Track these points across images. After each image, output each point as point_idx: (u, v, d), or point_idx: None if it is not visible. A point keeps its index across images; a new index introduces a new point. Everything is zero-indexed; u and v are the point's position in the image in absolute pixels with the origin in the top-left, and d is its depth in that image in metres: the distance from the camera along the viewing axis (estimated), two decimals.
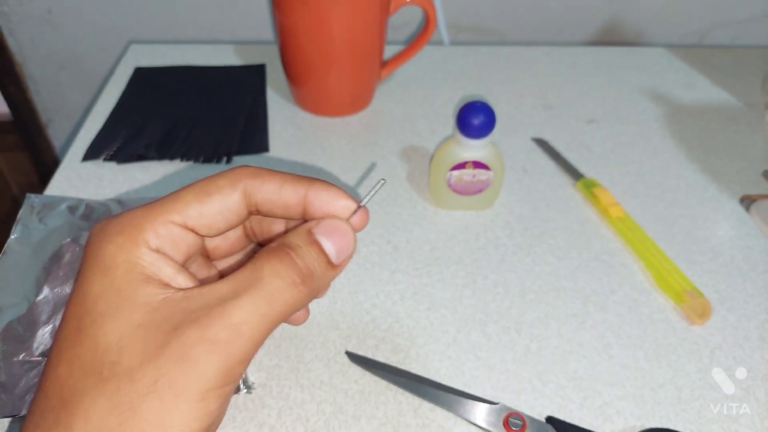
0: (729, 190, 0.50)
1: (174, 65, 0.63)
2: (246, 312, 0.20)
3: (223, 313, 0.20)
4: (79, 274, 0.22)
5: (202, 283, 0.22)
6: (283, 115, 0.57)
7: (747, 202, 0.48)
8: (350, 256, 0.24)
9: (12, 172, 0.88)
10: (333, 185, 0.24)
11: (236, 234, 0.26)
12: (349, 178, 0.50)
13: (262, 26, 0.73)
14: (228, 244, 0.26)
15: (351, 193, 0.49)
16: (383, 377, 0.34)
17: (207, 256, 0.26)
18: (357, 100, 0.58)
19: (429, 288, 0.41)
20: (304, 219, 0.24)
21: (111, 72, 0.64)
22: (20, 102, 0.78)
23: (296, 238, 0.22)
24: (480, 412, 0.33)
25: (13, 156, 0.85)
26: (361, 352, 0.36)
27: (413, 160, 0.52)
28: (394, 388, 0.35)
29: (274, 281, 0.21)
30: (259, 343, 0.20)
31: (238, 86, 0.60)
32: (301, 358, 0.36)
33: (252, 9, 0.71)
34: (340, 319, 0.38)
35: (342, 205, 0.23)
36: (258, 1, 0.70)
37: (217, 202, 0.22)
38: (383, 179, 0.25)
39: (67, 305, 0.21)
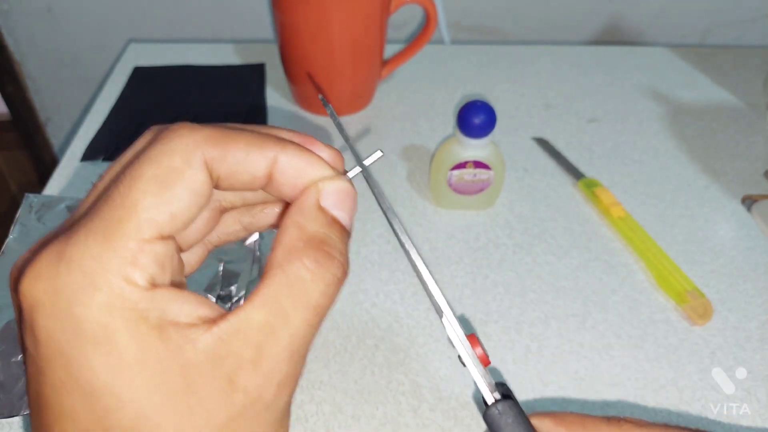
0: (730, 190, 0.50)
1: (173, 64, 0.63)
2: (302, 337, 0.17)
3: (280, 346, 0.17)
4: (50, 372, 0.16)
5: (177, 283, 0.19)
6: (282, 115, 0.57)
7: (748, 202, 0.48)
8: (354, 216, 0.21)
9: (10, 170, 0.88)
10: (305, 148, 0.20)
11: (203, 217, 0.21)
12: None
13: (262, 25, 0.72)
14: (196, 231, 0.21)
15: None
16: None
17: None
18: (357, 99, 0.58)
19: None
20: (263, 189, 0.20)
21: (110, 71, 0.63)
22: (19, 101, 0.78)
23: (315, 223, 0.19)
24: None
25: (12, 154, 0.85)
26: (360, 353, 0.36)
27: (413, 159, 0.52)
28: (393, 388, 0.34)
29: (320, 288, 0.18)
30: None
31: (238, 85, 0.60)
32: None
33: (251, 8, 0.71)
34: (340, 318, 0.38)
35: (319, 175, 0.19)
36: (257, 0, 0.70)
37: (183, 194, 0.17)
38: (381, 150, 0.22)
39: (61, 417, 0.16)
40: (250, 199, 0.22)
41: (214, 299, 0.37)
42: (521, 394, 0.34)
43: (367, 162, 0.21)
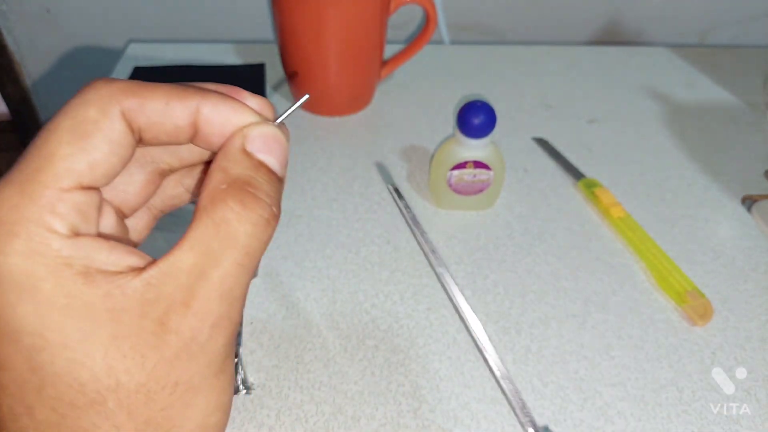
0: (730, 190, 0.50)
1: (173, 64, 0.63)
2: (233, 277, 0.17)
3: (210, 287, 0.17)
4: None
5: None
6: None
7: (748, 202, 0.48)
8: (287, 163, 0.21)
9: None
10: (229, 96, 0.20)
11: (140, 179, 0.21)
12: (348, 178, 0.49)
13: (262, 25, 0.72)
14: (135, 195, 0.21)
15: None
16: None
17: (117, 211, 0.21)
18: (357, 100, 0.58)
19: (429, 288, 0.40)
20: (192, 142, 0.20)
21: (110, 71, 0.63)
22: (19, 101, 0.78)
23: (239, 166, 0.19)
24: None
25: (12, 155, 0.85)
26: (360, 353, 0.36)
27: (413, 159, 0.52)
28: (393, 389, 0.34)
29: (246, 229, 0.18)
30: (245, 297, 0.19)
31: (238, 85, 0.60)
32: (301, 359, 0.36)
33: (251, 8, 0.71)
34: (340, 319, 0.38)
35: (245, 122, 0.19)
36: (257, 0, 0.70)
37: (101, 143, 0.17)
38: (308, 95, 0.22)
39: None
40: (188, 159, 0.22)
41: None
42: (522, 395, 0.34)
43: (294, 105, 0.22)
